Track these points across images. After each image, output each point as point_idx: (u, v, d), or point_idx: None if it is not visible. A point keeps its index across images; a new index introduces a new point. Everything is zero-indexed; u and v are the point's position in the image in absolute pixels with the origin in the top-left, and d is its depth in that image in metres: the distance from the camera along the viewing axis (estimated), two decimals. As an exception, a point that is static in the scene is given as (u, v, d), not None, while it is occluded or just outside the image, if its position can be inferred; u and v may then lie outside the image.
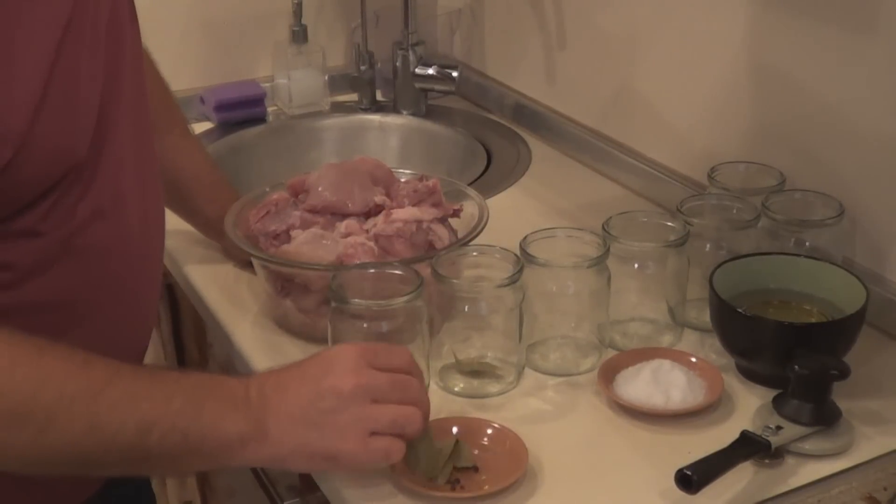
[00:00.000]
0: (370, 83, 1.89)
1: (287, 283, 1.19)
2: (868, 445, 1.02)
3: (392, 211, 1.20)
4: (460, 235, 1.21)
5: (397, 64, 1.85)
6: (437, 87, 1.85)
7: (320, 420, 0.88)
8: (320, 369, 0.90)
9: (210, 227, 1.34)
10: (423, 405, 0.94)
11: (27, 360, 0.81)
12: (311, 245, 1.16)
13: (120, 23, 0.96)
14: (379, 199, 1.22)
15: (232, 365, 1.26)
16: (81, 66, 0.88)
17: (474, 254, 1.16)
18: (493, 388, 1.11)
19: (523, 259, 1.11)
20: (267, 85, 1.88)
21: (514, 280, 1.08)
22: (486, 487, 0.96)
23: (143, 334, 1.07)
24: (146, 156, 1.02)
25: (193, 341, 1.58)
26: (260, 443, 0.87)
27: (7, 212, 0.87)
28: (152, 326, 1.10)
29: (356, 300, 1.04)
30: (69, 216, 0.91)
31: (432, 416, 1.05)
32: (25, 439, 0.82)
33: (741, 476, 0.96)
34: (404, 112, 1.88)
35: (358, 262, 1.13)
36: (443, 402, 1.09)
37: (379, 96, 1.92)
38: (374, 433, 0.89)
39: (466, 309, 1.10)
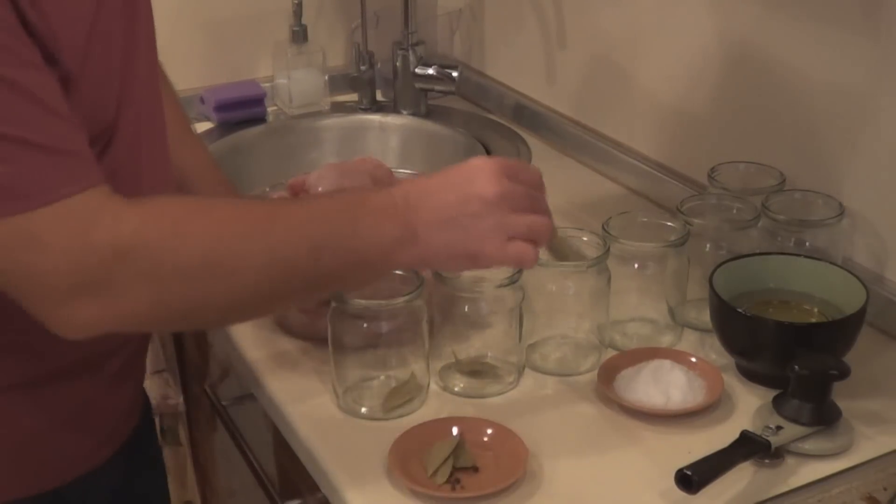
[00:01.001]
0: (370, 83, 1.89)
1: (287, 282, 1.18)
2: (868, 445, 1.02)
3: (392, 211, 1.20)
4: (460, 235, 1.20)
5: (397, 64, 1.85)
6: (437, 87, 1.85)
7: (465, 223, 0.93)
8: (463, 178, 0.95)
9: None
10: (549, 216, 0.99)
11: (202, 214, 0.90)
12: (311, 245, 1.16)
13: (134, 3, 0.98)
14: (379, 199, 1.22)
15: (232, 365, 1.26)
16: (112, 30, 0.92)
17: (474, 254, 1.16)
18: (493, 388, 1.11)
19: (523, 259, 1.10)
20: (267, 85, 1.88)
21: (514, 280, 1.08)
22: (487, 487, 0.96)
23: None
24: (158, 133, 1.04)
25: (193, 341, 1.58)
26: (411, 244, 0.93)
27: None
28: None
29: (356, 300, 1.04)
30: None
31: (432, 417, 1.06)
32: (222, 287, 0.88)
33: (741, 476, 0.96)
34: (404, 112, 1.88)
35: (358, 261, 1.13)
36: (443, 402, 1.09)
37: (379, 96, 1.92)
38: (511, 238, 0.94)
39: (466, 309, 1.10)
